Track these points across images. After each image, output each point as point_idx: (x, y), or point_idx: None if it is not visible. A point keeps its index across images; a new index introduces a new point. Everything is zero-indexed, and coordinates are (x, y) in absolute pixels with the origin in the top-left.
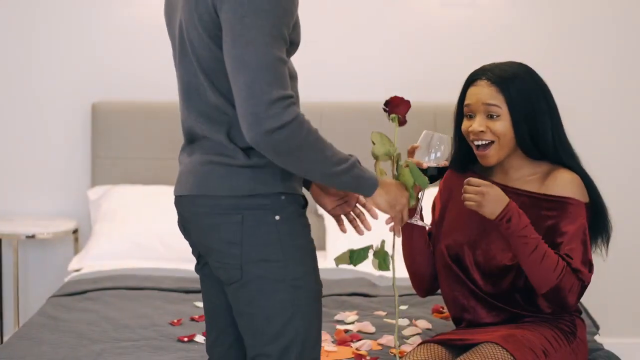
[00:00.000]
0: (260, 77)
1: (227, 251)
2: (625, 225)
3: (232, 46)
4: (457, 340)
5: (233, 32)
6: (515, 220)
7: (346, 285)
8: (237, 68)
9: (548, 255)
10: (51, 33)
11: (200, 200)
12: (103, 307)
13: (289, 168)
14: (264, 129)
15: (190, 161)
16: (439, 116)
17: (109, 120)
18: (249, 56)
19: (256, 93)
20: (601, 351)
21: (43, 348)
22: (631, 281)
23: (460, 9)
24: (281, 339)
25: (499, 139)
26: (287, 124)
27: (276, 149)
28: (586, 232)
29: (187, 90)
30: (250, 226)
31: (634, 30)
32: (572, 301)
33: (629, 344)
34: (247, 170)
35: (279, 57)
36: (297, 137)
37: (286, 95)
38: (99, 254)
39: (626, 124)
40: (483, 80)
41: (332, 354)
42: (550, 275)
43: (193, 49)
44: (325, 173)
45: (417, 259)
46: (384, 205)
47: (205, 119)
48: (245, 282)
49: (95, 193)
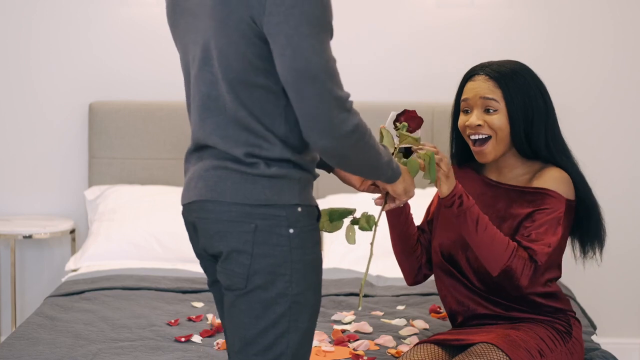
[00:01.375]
0: (328, 85)
1: (235, 259)
2: (623, 225)
3: (293, 59)
4: (454, 340)
5: (292, 45)
6: (466, 199)
7: (343, 285)
8: (303, 80)
9: (497, 236)
10: (48, 33)
11: (211, 205)
12: (100, 307)
13: (343, 167)
14: (338, 134)
15: (200, 167)
16: (436, 116)
17: (106, 121)
18: (314, 67)
19: (325, 100)
20: (598, 351)
21: (40, 348)
22: (628, 281)
23: (458, 9)
24: (271, 352)
25: (496, 134)
26: (357, 125)
27: (348, 151)
28: (561, 224)
29: (205, 101)
30: (262, 237)
31: (631, 29)
32: (525, 283)
33: (626, 344)
34: (264, 180)
35: (333, 59)
36: (365, 137)
37: (347, 95)
38: (96, 254)
39: (623, 123)
40: (481, 75)
41: (330, 354)
42: (502, 253)
43: (221, 58)
44: (374, 166)
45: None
46: (401, 191)
47: (222, 132)
48: (248, 292)
49: (92, 193)
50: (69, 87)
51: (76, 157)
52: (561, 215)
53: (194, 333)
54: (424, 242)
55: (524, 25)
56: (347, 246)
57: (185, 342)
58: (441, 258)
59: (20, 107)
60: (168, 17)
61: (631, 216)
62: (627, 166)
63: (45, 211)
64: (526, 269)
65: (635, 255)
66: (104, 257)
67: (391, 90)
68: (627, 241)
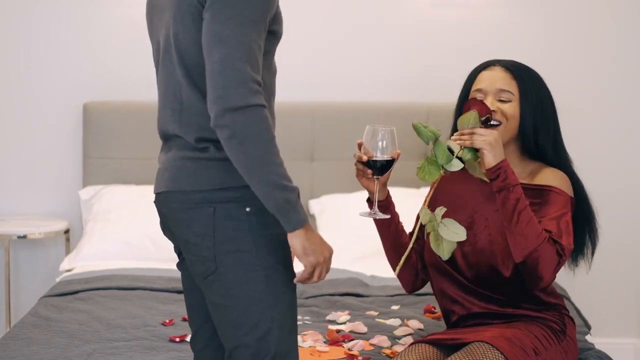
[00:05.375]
0: (236, 54)
1: (201, 244)
2: (617, 226)
3: (211, 21)
4: (448, 340)
5: (213, 9)
6: (511, 173)
7: (338, 285)
8: (214, 42)
9: (533, 220)
10: (43, 34)
11: (174, 195)
12: (95, 307)
13: (234, 159)
14: (229, 105)
15: (167, 158)
16: (432, 116)
17: (100, 121)
18: (228, 32)
19: (229, 68)
20: (592, 351)
21: (34, 348)
22: (622, 281)
23: (453, 9)
24: (258, 329)
25: (507, 122)
26: (253, 107)
27: (233, 129)
28: (569, 219)
29: (165, 90)
30: (222, 218)
31: (628, 29)
32: (547, 275)
33: (620, 344)
34: (217, 164)
35: (256, 40)
36: (256, 126)
37: (257, 79)
38: (90, 254)
39: (620, 123)
40: (497, 67)
41: (324, 354)
42: (534, 239)
43: (178, 45)
44: (264, 179)
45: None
46: (298, 248)
47: (177, 117)
48: (220, 273)
49: (86, 193)
50: (64, 87)
51: (71, 157)
52: (568, 212)
53: (188, 333)
54: (417, 248)
55: (520, 24)
56: (342, 246)
57: (180, 342)
58: (436, 256)
59: (15, 107)
60: (146, 17)
61: (626, 217)
62: (621, 165)
63: (39, 211)
64: (552, 260)
65: (629, 256)
66: (99, 257)
67: (386, 90)
68: (621, 242)
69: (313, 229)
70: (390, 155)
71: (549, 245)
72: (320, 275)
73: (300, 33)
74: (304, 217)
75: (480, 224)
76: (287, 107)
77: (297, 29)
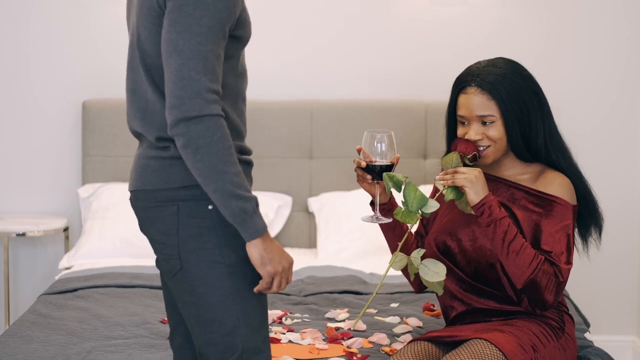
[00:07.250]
0: (190, 65)
1: (166, 242)
2: (616, 224)
3: (167, 30)
4: (447, 337)
5: (170, 18)
6: (496, 208)
7: (337, 282)
8: (170, 52)
9: (526, 247)
10: (41, 32)
11: (140, 194)
12: (94, 305)
13: (190, 167)
14: (183, 115)
15: (137, 156)
16: (429, 114)
17: (99, 119)
18: (183, 42)
19: (184, 78)
20: (591, 348)
21: (34, 346)
22: (621, 279)
23: (451, 7)
24: (224, 326)
25: (495, 143)
26: (207, 117)
27: (187, 138)
28: (570, 234)
29: (132, 88)
30: (185, 216)
31: (627, 28)
32: (550, 299)
33: (619, 342)
34: (179, 162)
35: (212, 50)
36: (210, 135)
37: (214, 89)
38: (89, 252)
39: (618, 124)
40: (473, 87)
41: (323, 351)
42: (528, 267)
43: (140, 45)
44: (219, 189)
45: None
46: (256, 258)
47: (142, 115)
48: (185, 270)
49: (85, 191)
50: (63, 85)
51: (69, 155)
52: (570, 225)
53: None
54: (423, 247)
55: (517, 23)
56: (341, 243)
57: None
58: (435, 250)
59: (14, 105)
60: (126, 11)
61: (625, 215)
62: (619, 164)
63: (38, 209)
64: (550, 284)
65: (628, 253)
66: (97, 254)
67: (384, 88)
68: (620, 239)
69: (272, 238)
70: (390, 159)
71: (545, 270)
72: (279, 285)
73: (298, 31)
74: (262, 226)
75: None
76: (285, 104)
77: (295, 27)
